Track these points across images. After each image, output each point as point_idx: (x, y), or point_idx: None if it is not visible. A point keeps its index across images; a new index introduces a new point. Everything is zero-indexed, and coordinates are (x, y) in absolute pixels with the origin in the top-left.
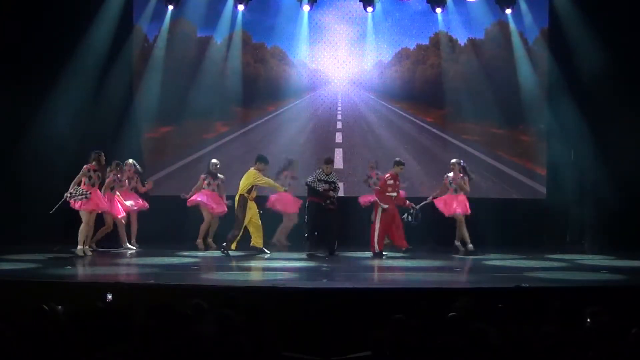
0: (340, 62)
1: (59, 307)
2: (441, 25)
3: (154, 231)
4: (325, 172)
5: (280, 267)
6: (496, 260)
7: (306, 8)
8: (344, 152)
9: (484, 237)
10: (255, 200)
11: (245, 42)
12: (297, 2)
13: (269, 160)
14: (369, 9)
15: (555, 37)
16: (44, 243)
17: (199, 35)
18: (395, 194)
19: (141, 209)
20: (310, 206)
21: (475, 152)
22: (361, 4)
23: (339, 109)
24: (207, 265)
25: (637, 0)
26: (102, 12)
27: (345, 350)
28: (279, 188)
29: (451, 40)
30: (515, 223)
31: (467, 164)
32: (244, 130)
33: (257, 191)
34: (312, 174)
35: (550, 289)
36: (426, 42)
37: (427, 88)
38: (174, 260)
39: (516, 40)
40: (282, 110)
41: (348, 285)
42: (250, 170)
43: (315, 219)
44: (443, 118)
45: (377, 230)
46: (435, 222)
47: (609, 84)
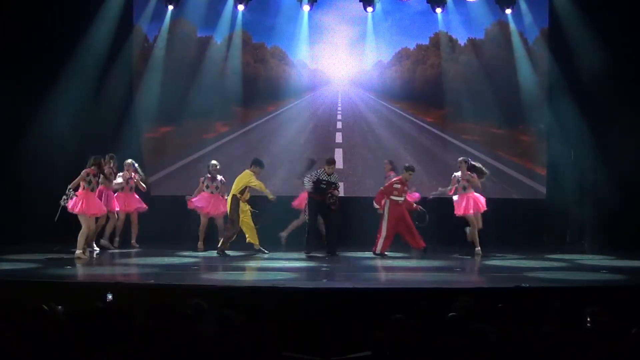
0: (340, 62)
1: (59, 307)
2: (441, 25)
3: (154, 231)
4: (327, 172)
5: (280, 267)
6: (496, 260)
7: (306, 8)
8: (344, 152)
9: (484, 237)
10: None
11: (245, 42)
12: (297, 2)
13: (269, 159)
14: (369, 9)
15: (555, 37)
16: (44, 243)
17: (199, 35)
18: (402, 199)
19: (138, 211)
20: (311, 203)
21: (475, 152)
22: (361, 4)
23: (339, 109)
24: (207, 265)
25: (637, 0)
26: (102, 12)
27: (345, 350)
28: (268, 195)
29: (451, 40)
30: (515, 223)
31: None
32: (244, 130)
33: (251, 192)
34: (313, 173)
35: (550, 289)
36: (426, 42)
37: (427, 88)
38: (174, 260)
39: (516, 40)
40: (282, 110)
41: (348, 285)
42: (246, 172)
43: (315, 216)
44: (443, 118)
45: (384, 233)
46: (436, 222)
47: (609, 84)
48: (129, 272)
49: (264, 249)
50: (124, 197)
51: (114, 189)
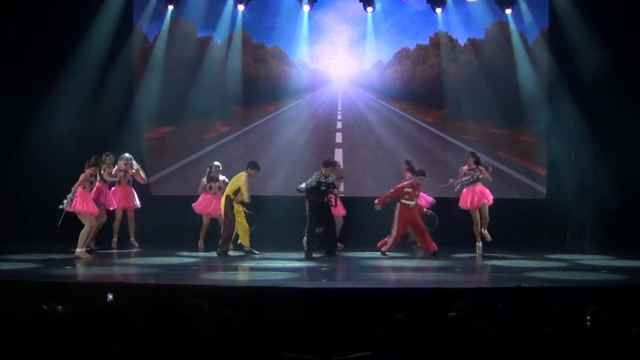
0: (340, 62)
1: (59, 307)
2: (441, 25)
3: (154, 231)
4: (324, 174)
5: (280, 267)
6: (496, 260)
7: (306, 8)
8: (344, 152)
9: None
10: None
11: (245, 42)
12: (297, 2)
13: (269, 159)
14: (369, 9)
15: (555, 37)
16: (44, 243)
17: (199, 35)
18: (414, 203)
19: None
20: (310, 205)
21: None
22: (361, 4)
23: (339, 109)
24: (207, 265)
25: (637, 0)
26: (102, 12)
27: (345, 350)
28: (245, 198)
29: (451, 40)
30: (515, 223)
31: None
32: (244, 130)
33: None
34: (310, 179)
35: (550, 289)
36: (426, 42)
37: (427, 88)
38: (174, 260)
39: (516, 40)
40: (282, 110)
41: (348, 285)
42: (241, 173)
43: (315, 217)
44: (443, 118)
45: (393, 234)
46: (437, 223)
47: (609, 84)
48: (129, 272)
49: (254, 250)
50: (121, 191)
51: (109, 183)
